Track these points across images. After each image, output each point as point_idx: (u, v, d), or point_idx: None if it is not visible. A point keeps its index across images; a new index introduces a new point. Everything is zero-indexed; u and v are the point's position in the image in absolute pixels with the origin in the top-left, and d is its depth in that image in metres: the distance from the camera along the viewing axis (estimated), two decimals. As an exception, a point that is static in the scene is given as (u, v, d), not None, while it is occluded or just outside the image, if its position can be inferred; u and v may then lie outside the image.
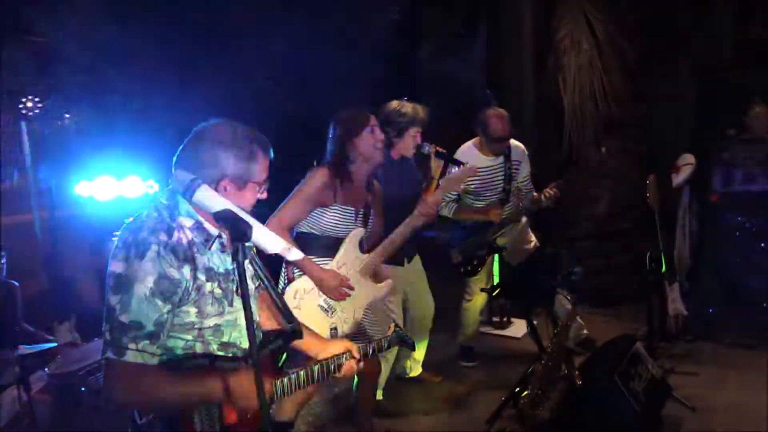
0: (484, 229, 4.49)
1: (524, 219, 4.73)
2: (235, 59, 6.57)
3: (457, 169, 3.60)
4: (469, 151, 4.48)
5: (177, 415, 1.80)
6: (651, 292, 4.88)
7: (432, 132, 4.77)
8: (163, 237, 1.81)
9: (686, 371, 4.50)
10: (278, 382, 2.01)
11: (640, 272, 4.94)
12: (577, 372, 3.52)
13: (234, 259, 1.59)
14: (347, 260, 3.25)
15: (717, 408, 3.98)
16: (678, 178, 5.27)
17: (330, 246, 3.23)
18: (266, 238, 1.80)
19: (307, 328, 2.29)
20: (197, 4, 6.22)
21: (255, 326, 1.97)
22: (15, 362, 3.30)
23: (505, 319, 5.69)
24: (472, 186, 4.44)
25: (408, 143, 3.95)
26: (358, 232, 3.28)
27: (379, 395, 4.26)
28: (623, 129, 5.93)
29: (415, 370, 4.65)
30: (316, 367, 2.16)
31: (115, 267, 1.78)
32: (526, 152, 4.65)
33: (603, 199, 6.08)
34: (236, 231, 1.60)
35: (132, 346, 1.75)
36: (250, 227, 1.63)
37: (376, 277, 3.44)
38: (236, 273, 1.62)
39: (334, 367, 2.22)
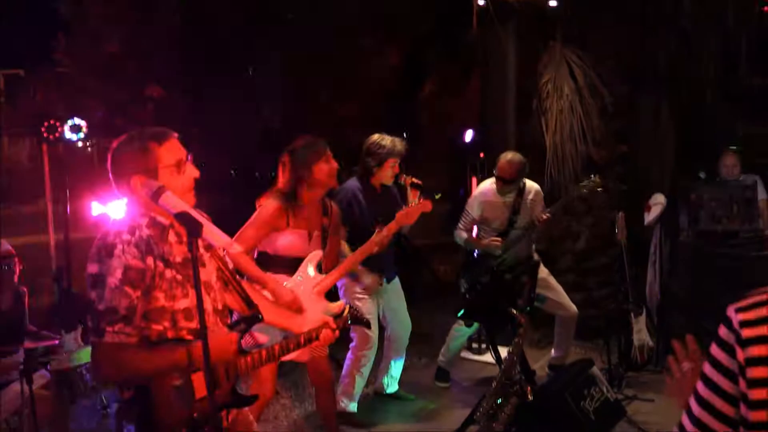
0: (488, 258, 4.98)
1: (536, 256, 5.22)
2: (242, 95, 7.03)
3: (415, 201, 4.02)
4: (485, 186, 5.16)
5: (154, 392, 2.14)
6: (617, 323, 5.19)
7: (426, 165, 5.18)
8: (126, 236, 2.17)
9: (645, 398, 4.77)
10: (242, 359, 2.36)
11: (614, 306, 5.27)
12: (529, 388, 3.81)
13: (189, 250, 1.97)
14: (304, 280, 3.60)
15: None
16: (649, 217, 5.59)
17: (287, 265, 3.60)
18: (213, 234, 2.17)
19: (289, 312, 2.75)
20: (207, 42, 6.69)
21: (223, 308, 2.41)
22: (19, 357, 3.66)
23: (483, 345, 5.97)
24: (485, 216, 5.04)
25: (386, 173, 4.35)
26: (317, 254, 3.65)
27: (353, 408, 4.56)
28: (603, 168, 6.26)
29: (392, 386, 4.94)
30: (278, 345, 2.50)
31: (91, 269, 2.15)
32: (541, 193, 5.21)
33: (583, 235, 6.39)
34: (191, 228, 1.98)
35: (109, 328, 2.10)
36: (201, 225, 2.00)
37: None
38: (193, 263, 1.97)
39: (305, 340, 2.58)
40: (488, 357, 5.92)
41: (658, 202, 5.57)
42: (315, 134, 3.79)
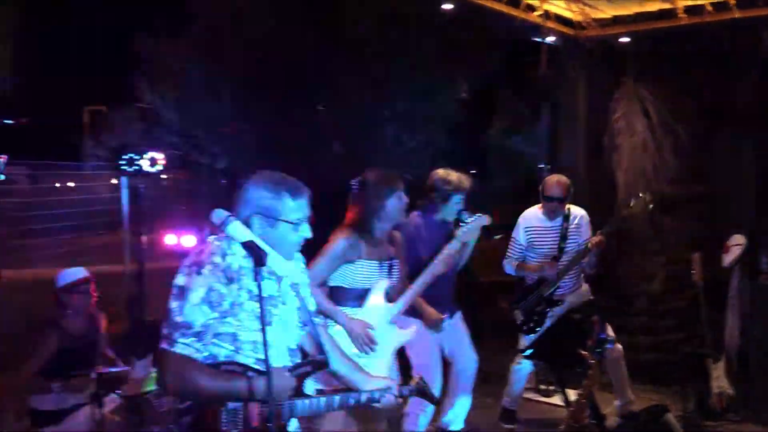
0: (541, 286, 4.85)
1: (585, 287, 5.05)
2: (312, 128, 7.17)
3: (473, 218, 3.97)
4: (531, 212, 5.01)
5: (205, 409, 2.19)
6: (694, 369, 4.96)
7: (493, 202, 5.14)
8: (217, 260, 2.25)
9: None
10: (299, 402, 2.35)
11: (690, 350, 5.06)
12: (599, 432, 3.67)
13: (254, 279, 2.00)
14: (374, 310, 3.60)
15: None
16: (728, 258, 5.36)
17: (358, 296, 3.60)
18: (279, 264, 2.23)
19: (357, 366, 2.70)
20: (278, 80, 6.87)
21: (295, 347, 2.44)
22: (92, 381, 3.76)
23: (551, 387, 5.80)
24: (533, 243, 4.88)
25: (451, 209, 4.31)
26: (383, 284, 3.64)
27: (417, 444, 4.48)
28: (678, 208, 6.08)
29: (456, 424, 4.83)
30: (338, 397, 2.48)
31: (179, 280, 2.24)
32: (587, 218, 5.01)
33: (658, 276, 6.19)
34: (256, 257, 2.01)
35: (181, 340, 2.17)
36: (266, 255, 2.04)
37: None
38: (259, 291, 2.00)
39: (367, 399, 2.54)
40: (556, 399, 5.75)
41: (737, 242, 5.34)
42: (383, 168, 3.80)
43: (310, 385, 2.45)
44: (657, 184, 5.96)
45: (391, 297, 3.73)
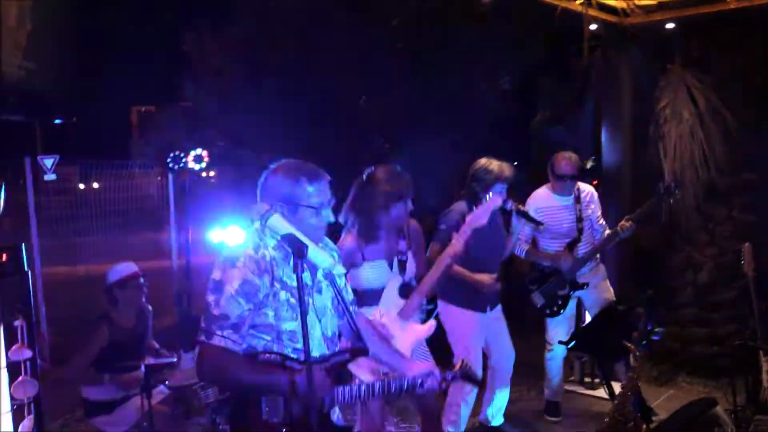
0: (561, 268, 4.82)
1: (603, 268, 5.01)
2: (356, 121, 7.19)
3: (526, 223, 3.89)
4: (541, 192, 4.98)
5: (247, 398, 2.23)
6: (744, 362, 4.82)
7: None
8: (250, 252, 2.31)
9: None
10: (339, 390, 2.38)
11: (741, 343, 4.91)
12: (645, 426, 3.61)
13: (294, 271, 2.03)
14: (388, 308, 3.58)
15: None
16: (779, 248, 5.20)
17: (370, 296, 3.59)
18: (318, 256, 2.24)
19: (399, 351, 2.76)
20: (320, 74, 6.91)
21: (332, 336, 2.46)
22: (141, 372, 3.86)
23: (596, 380, 5.73)
24: (546, 225, 4.77)
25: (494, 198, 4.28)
26: (396, 281, 3.63)
27: (460, 438, 4.48)
28: (727, 197, 5.92)
29: (497, 419, 4.82)
30: (379, 383, 2.51)
31: (215, 275, 2.31)
32: (596, 195, 5.02)
33: (706, 267, 6.04)
34: (296, 250, 2.04)
35: (219, 332, 2.23)
36: (306, 247, 2.06)
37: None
38: (298, 284, 2.04)
39: (409, 386, 2.56)
40: (601, 392, 5.68)
41: (789, 232, 5.18)
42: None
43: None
44: (705, 173, 5.81)
45: (409, 291, 3.69)
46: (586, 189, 5.01)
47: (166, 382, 4.05)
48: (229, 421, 2.29)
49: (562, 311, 4.85)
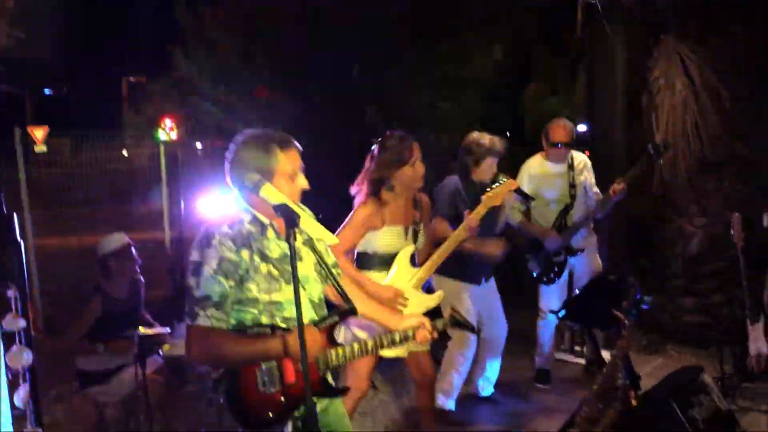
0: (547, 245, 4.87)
1: (594, 239, 5.07)
2: (347, 96, 7.15)
3: (520, 197, 3.93)
4: (535, 159, 5.04)
5: (241, 372, 2.26)
6: (732, 331, 4.90)
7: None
8: (225, 229, 2.30)
9: (762, 410, 4.48)
10: (333, 351, 2.41)
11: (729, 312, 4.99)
12: (633, 393, 3.66)
13: (287, 241, 2.03)
14: (400, 275, 3.62)
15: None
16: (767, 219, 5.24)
17: (385, 262, 3.63)
18: (311, 225, 2.25)
19: (386, 308, 2.81)
20: (312, 46, 6.85)
21: (319, 301, 2.47)
22: (135, 342, 3.89)
23: (585, 348, 5.79)
24: (541, 192, 4.89)
25: (484, 171, 4.31)
26: (409, 249, 3.66)
27: (451, 406, 4.55)
28: (718, 168, 5.94)
29: (487, 389, 4.88)
30: (371, 341, 2.54)
31: (193, 256, 2.30)
32: (589, 163, 5.09)
33: (696, 238, 6.08)
34: (288, 219, 2.04)
35: (201, 312, 2.23)
36: (298, 216, 2.07)
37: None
38: (291, 253, 2.03)
39: (401, 338, 2.62)
40: (591, 360, 5.75)
41: (779, 203, 5.22)
42: (411, 133, 3.75)
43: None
44: (697, 144, 5.82)
45: (416, 262, 3.75)
46: (579, 157, 5.06)
47: (160, 352, 4.08)
48: (225, 396, 2.29)
49: (557, 279, 4.90)
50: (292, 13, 7.11)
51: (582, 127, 6.65)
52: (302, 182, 2.42)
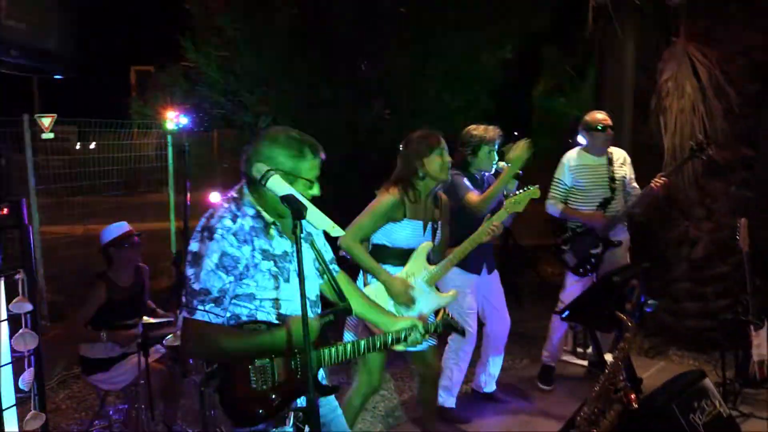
0: (594, 228, 4.92)
1: (628, 236, 5.11)
2: (355, 89, 7.14)
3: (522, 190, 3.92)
4: (574, 152, 5.10)
5: (233, 368, 2.25)
6: (735, 336, 4.89)
7: (537, 163, 5.10)
8: (228, 223, 2.27)
9: (763, 417, 4.48)
10: (326, 350, 2.41)
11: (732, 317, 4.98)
12: (634, 395, 3.65)
13: (293, 232, 2.02)
14: (415, 270, 3.62)
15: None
16: (775, 224, 5.23)
17: (400, 256, 3.64)
18: (317, 217, 2.24)
19: (381, 308, 2.77)
20: (323, 39, 6.84)
21: (315, 298, 2.47)
22: (138, 331, 3.90)
23: (588, 350, 5.79)
24: (581, 184, 4.96)
25: (482, 160, 4.34)
26: (427, 245, 3.66)
27: (451, 403, 4.55)
28: (726, 172, 5.92)
29: (489, 385, 4.88)
30: (364, 341, 2.52)
31: (193, 246, 2.28)
32: (628, 158, 5.15)
33: (701, 242, 6.06)
34: (295, 210, 2.04)
35: (200, 307, 2.21)
36: (305, 208, 2.06)
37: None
38: (297, 244, 2.02)
39: (392, 339, 2.59)
40: (593, 362, 5.74)
41: (786, 208, 5.20)
42: (426, 127, 3.80)
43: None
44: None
45: (433, 259, 3.75)
46: (618, 152, 5.12)
47: (164, 341, 4.09)
48: (217, 392, 2.27)
49: (592, 272, 4.93)
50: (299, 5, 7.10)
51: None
52: (316, 191, 2.41)
